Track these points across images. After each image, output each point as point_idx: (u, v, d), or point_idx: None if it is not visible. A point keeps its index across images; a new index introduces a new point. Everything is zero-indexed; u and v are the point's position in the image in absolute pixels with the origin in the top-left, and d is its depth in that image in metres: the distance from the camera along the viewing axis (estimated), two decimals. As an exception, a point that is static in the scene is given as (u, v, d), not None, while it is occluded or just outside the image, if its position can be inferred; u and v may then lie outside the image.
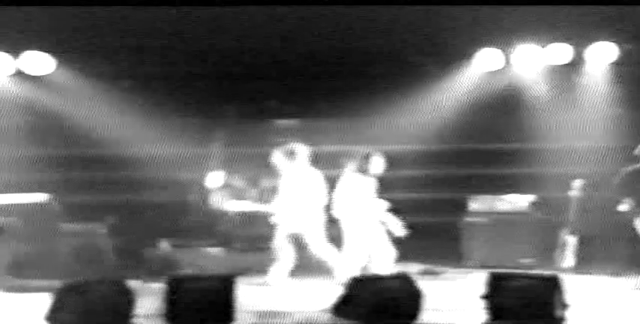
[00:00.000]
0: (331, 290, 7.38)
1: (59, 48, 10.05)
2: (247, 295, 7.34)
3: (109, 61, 10.40)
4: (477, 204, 10.22)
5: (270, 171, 10.72)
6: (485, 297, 7.06)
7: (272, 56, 10.44)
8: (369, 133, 11.06)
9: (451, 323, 7.08)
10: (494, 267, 8.25)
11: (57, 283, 6.93)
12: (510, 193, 10.14)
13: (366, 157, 8.57)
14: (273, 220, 8.70)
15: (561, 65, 10.53)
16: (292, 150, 8.75)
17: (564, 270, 9.15)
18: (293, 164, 8.72)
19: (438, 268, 9.84)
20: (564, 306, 7.05)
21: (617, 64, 10.45)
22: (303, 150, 8.81)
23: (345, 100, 10.84)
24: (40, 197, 9.68)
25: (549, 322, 6.83)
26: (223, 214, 10.49)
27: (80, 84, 10.40)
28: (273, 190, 10.60)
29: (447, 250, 10.07)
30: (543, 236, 9.40)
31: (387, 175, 10.94)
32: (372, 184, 8.59)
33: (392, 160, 10.93)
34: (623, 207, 8.98)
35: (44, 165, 10.16)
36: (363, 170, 8.53)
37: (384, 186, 10.90)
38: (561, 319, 6.90)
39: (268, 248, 10.13)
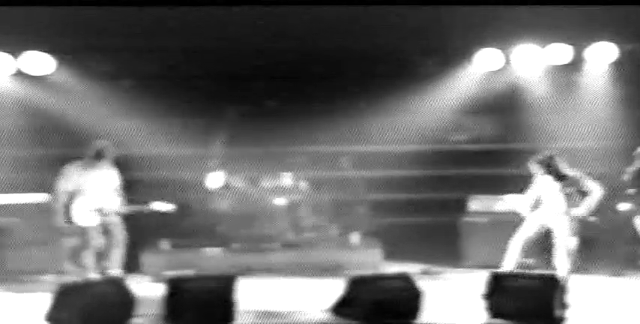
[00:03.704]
0: (331, 290, 7.39)
1: (59, 48, 10.05)
2: (247, 295, 7.36)
3: (109, 61, 10.40)
4: (477, 204, 10.21)
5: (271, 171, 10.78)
6: (485, 297, 7.07)
7: (272, 56, 10.44)
8: (368, 133, 11.07)
9: (451, 323, 7.08)
10: (494, 267, 8.23)
11: (57, 283, 6.94)
12: (510, 193, 10.13)
13: (550, 158, 8.27)
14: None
15: (561, 65, 10.53)
16: (102, 148, 8.68)
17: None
18: (100, 163, 8.66)
19: (437, 268, 9.83)
20: (564, 306, 7.06)
21: (617, 64, 10.45)
22: (110, 148, 8.75)
23: (345, 100, 10.84)
24: (40, 197, 9.68)
25: (549, 322, 6.84)
26: (223, 215, 10.48)
27: (80, 84, 10.39)
28: (274, 190, 10.65)
29: (447, 250, 10.07)
30: (543, 236, 9.37)
31: (387, 175, 10.99)
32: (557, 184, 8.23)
33: (392, 160, 10.98)
34: (623, 207, 8.98)
35: (44, 165, 10.16)
36: (548, 171, 8.21)
37: (385, 186, 10.95)
38: (561, 319, 6.92)
39: (268, 248, 10.17)
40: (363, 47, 10.21)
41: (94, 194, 8.58)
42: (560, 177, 8.11)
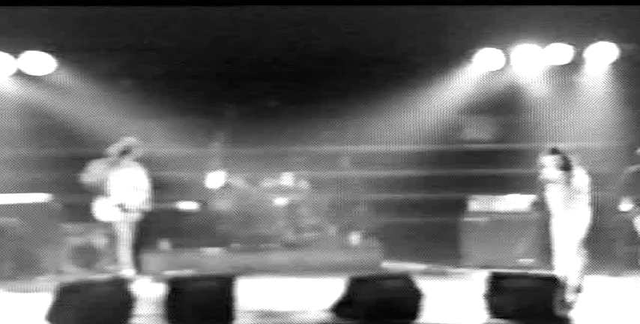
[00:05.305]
0: (331, 290, 7.39)
1: (59, 48, 10.05)
2: (247, 295, 7.36)
3: (109, 61, 10.40)
4: (477, 204, 10.22)
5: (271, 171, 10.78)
6: (486, 297, 7.07)
7: (272, 56, 10.44)
8: (369, 133, 11.07)
9: (451, 323, 7.08)
10: (494, 267, 8.22)
11: (57, 283, 6.94)
12: (510, 193, 10.14)
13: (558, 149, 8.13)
14: None
15: (561, 65, 10.53)
16: (127, 146, 8.70)
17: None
18: (125, 160, 8.67)
19: (438, 268, 9.84)
20: (564, 306, 7.06)
21: (617, 64, 10.45)
22: (137, 146, 8.76)
23: (346, 100, 10.84)
24: (40, 197, 9.68)
25: (549, 321, 6.84)
26: (223, 215, 10.48)
27: (80, 84, 10.40)
28: (274, 190, 10.65)
29: (447, 250, 10.07)
30: (543, 236, 9.40)
31: (387, 175, 10.99)
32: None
33: (392, 160, 10.97)
34: (624, 207, 8.98)
35: (44, 165, 10.16)
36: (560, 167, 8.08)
37: (385, 186, 10.95)
38: (561, 318, 6.92)
39: (268, 248, 10.18)
40: (363, 47, 10.21)
41: (119, 190, 8.59)
42: (567, 168, 8.05)
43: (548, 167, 8.01)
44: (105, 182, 8.57)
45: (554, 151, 8.00)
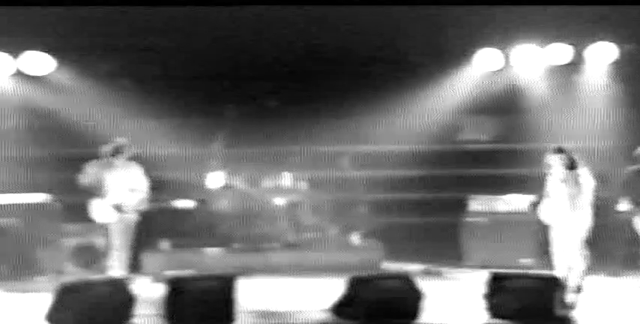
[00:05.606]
0: (331, 290, 7.39)
1: (59, 48, 10.05)
2: (247, 295, 7.36)
3: (109, 61, 10.40)
4: (477, 204, 10.22)
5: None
6: (486, 297, 7.07)
7: (272, 56, 10.44)
8: (368, 133, 11.07)
9: (451, 323, 7.08)
10: (494, 267, 8.22)
11: (57, 283, 6.94)
12: (510, 193, 10.14)
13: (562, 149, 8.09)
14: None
15: (561, 65, 10.53)
16: (118, 146, 8.69)
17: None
18: (118, 160, 8.65)
19: (437, 268, 9.83)
20: (564, 306, 7.06)
21: (617, 64, 10.45)
22: (128, 145, 8.74)
23: (345, 100, 10.84)
24: (40, 197, 9.68)
25: (549, 321, 6.84)
26: (223, 215, 10.49)
27: (80, 84, 10.40)
28: (274, 190, 10.66)
29: (447, 250, 10.07)
30: (543, 236, 9.40)
31: (387, 175, 11.00)
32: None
33: (392, 160, 10.98)
34: (623, 207, 8.97)
35: (44, 165, 10.16)
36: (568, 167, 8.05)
37: (385, 186, 10.95)
38: (561, 319, 6.92)
39: (268, 248, 10.18)
40: (363, 47, 10.21)
41: (113, 191, 8.58)
42: (573, 167, 8.03)
43: (554, 166, 8.00)
44: (101, 183, 8.55)
45: (560, 151, 8.00)
